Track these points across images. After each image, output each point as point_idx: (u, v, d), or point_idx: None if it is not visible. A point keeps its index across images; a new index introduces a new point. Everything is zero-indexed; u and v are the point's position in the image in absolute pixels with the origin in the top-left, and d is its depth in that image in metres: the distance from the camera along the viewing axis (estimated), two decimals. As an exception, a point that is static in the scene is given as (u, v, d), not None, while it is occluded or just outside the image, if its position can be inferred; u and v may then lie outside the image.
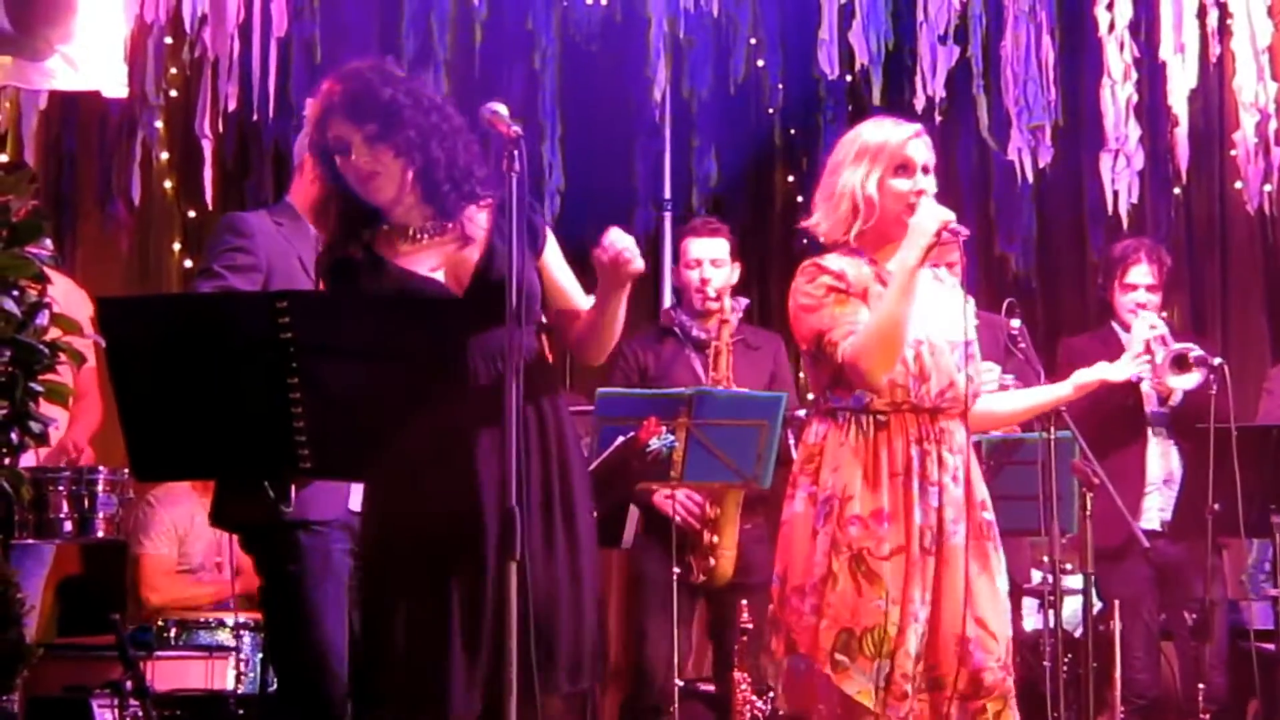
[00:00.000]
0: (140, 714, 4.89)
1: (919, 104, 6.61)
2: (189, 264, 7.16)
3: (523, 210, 3.27)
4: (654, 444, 4.62)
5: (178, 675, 5.43)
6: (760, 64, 7.49)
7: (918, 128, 3.92)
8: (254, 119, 6.60)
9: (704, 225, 5.71)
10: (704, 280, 5.52)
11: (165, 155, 7.00)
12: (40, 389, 3.40)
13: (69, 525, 4.75)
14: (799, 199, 8.14)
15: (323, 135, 3.44)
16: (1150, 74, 6.74)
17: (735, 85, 7.42)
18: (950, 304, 3.91)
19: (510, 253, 3.19)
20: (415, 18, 6.93)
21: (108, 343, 3.01)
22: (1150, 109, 6.89)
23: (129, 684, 4.86)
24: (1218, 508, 5.11)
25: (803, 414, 5.36)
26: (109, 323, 3.01)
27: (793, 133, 7.97)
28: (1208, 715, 5.44)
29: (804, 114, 7.79)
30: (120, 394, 3.02)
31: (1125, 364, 4.60)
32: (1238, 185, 6.94)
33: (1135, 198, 6.69)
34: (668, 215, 7.66)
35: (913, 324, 3.77)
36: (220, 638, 5.63)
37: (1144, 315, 5.57)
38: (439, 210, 3.47)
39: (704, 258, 5.56)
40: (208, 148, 6.39)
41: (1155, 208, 7.35)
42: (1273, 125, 6.50)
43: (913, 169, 3.83)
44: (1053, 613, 4.99)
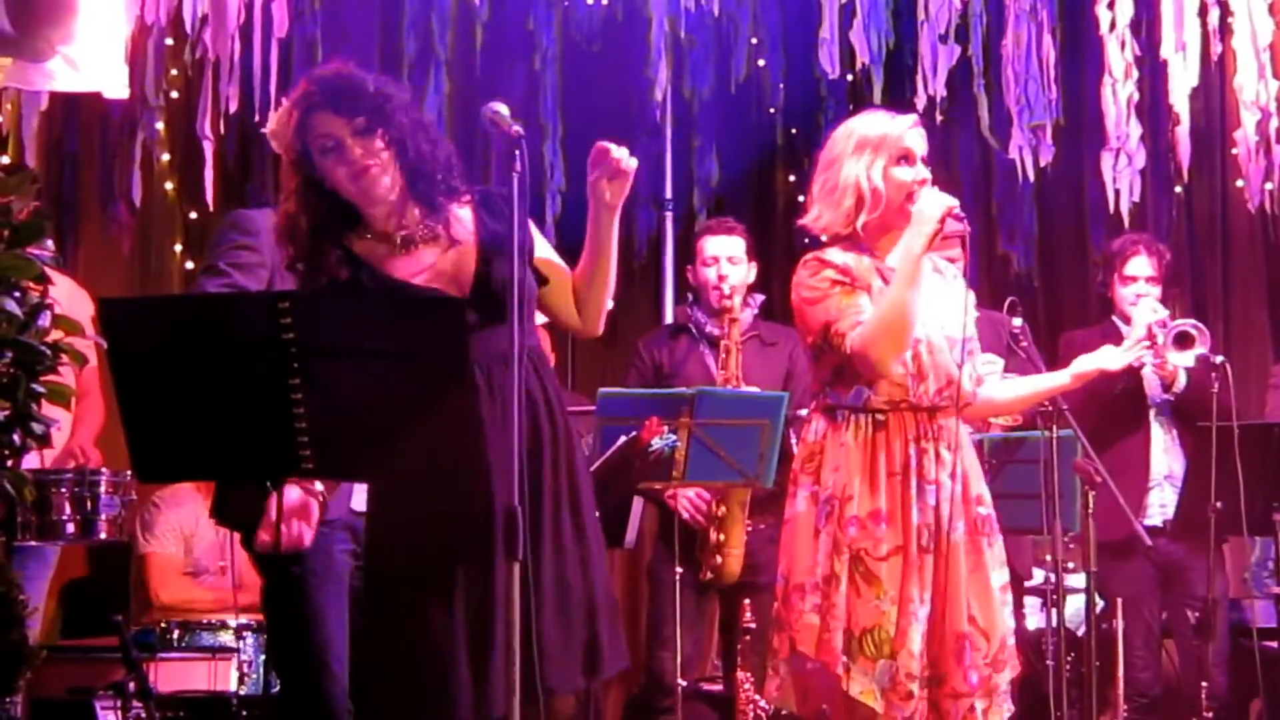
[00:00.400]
0: (143, 715, 4.88)
1: (920, 103, 6.60)
2: (190, 265, 7.15)
3: (524, 210, 3.26)
4: (656, 444, 4.62)
5: (181, 677, 5.42)
6: (761, 63, 7.48)
7: (914, 118, 3.95)
8: (255, 120, 6.58)
9: (720, 224, 5.76)
10: (721, 277, 5.56)
11: (166, 156, 6.99)
12: (42, 390, 3.40)
13: (71, 527, 4.74)
14: (800, 198, 8.09)
15: (304, 137, 3.35)
16: (1151, 72, 6.74)
17: (736, 85, 7.42)
18: (950, 298, 3.92)
19: (511, 251, 3.18)
20: (416, 18, 6.93)
21: (109, 343, 3.00)
22: (1151, 107, 6.89)
23: (132, 685, 4.86)
24: (1220, 506, 5.11)
25: (804, 413, 5.37)
26: (110, 323, 3.01)
27: (794, 132, 7.96)
28: (1210, 714, 5.43)
29: (805, 113, 7.79)
30: (121, 395, 3.01)
31: (1127, 349, 4.60)
32: (1239, 184, 6.93)
33: (1136, 196, 6.69)
34: (669, 215, 7.67)
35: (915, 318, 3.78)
36: (223, 639, 5.62)
37: (1145, 301, 5.58)
38: (428, 207, 3.41)
39: (721, 255, 5.60)
40: (209, 149, 6.39)
41: (1156, 206, 7.34)
42: (1274, 123, 6.49)
43: (913, 159, 3.85)
44: (1055, 611, 4.99)
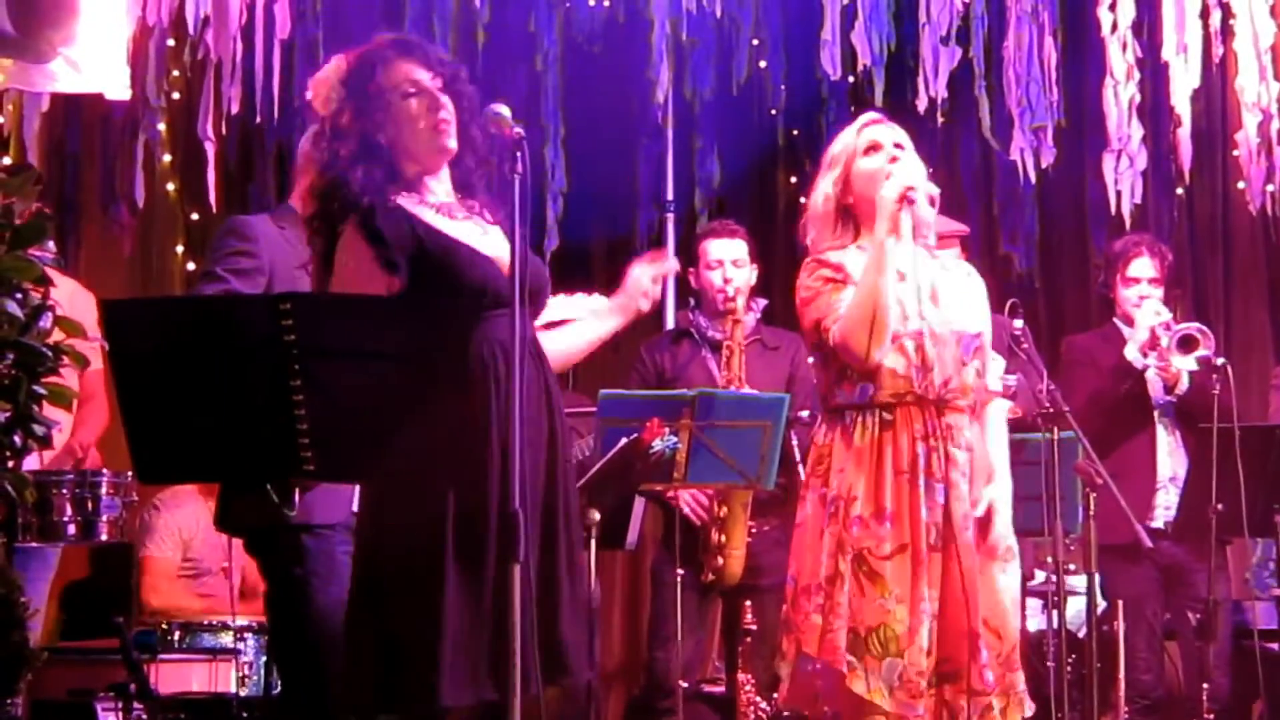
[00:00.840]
0: (144, 717, 4.89)
1: (921, 105, 6.61)
2: (192, 266, 7.15)
3: (526, 211, 3.27)
4: (657, 445, 4.62)
5: (181, 678, 5.42)
6: (763, 65, 7.48)
7: (872, 115, 4.00)
8: (257, 121, 6.60)
9: (723, 227, 5.76)
10: (726, 280, 5.57)
11: (168, 157, 7.00)
12: (44, 392, 3.39)
13: (72, 528, 4.74)
14: (801, 200, 8.11)
15: (379, 83, 3.41)
16: (1153, 74, 6.73)
17: (738, 86, 7.41)
18: (958, 293, 3.93)
19: (515, 254, 3.19)
20: (418, 19, 6.92)
21: (111, 344, 3.00)
22: (1153, 109, 6.88)
23: (133, 687, 4.86)
24: (1221, 507, 5.11)
25: (805, 415, 5.37)
26: (112, 324, 3.01)
27: (795, 134, 7.96)
28: (1212, 715, 5.42)
29: (806, 115, 7.78)
30: (123, 396, 3.02)
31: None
32: (1240, 185, 6.93)
33: (1138, 198, 6.69)
34: (670, 217, 7.66)
35: (910, 313, 3.79)
36: (224, 640, 5.62)
37: (1148, 303, 5.58)
38: (465, 188, 3.43)
39: (725, 258, 5.60)
40: (211, 150, 6.39)
41: (1158, 208, 7.34)
42: (1275, 125, 6.49)
43: (879, 146, 3.87)
44: (1057, 613, 4.99)
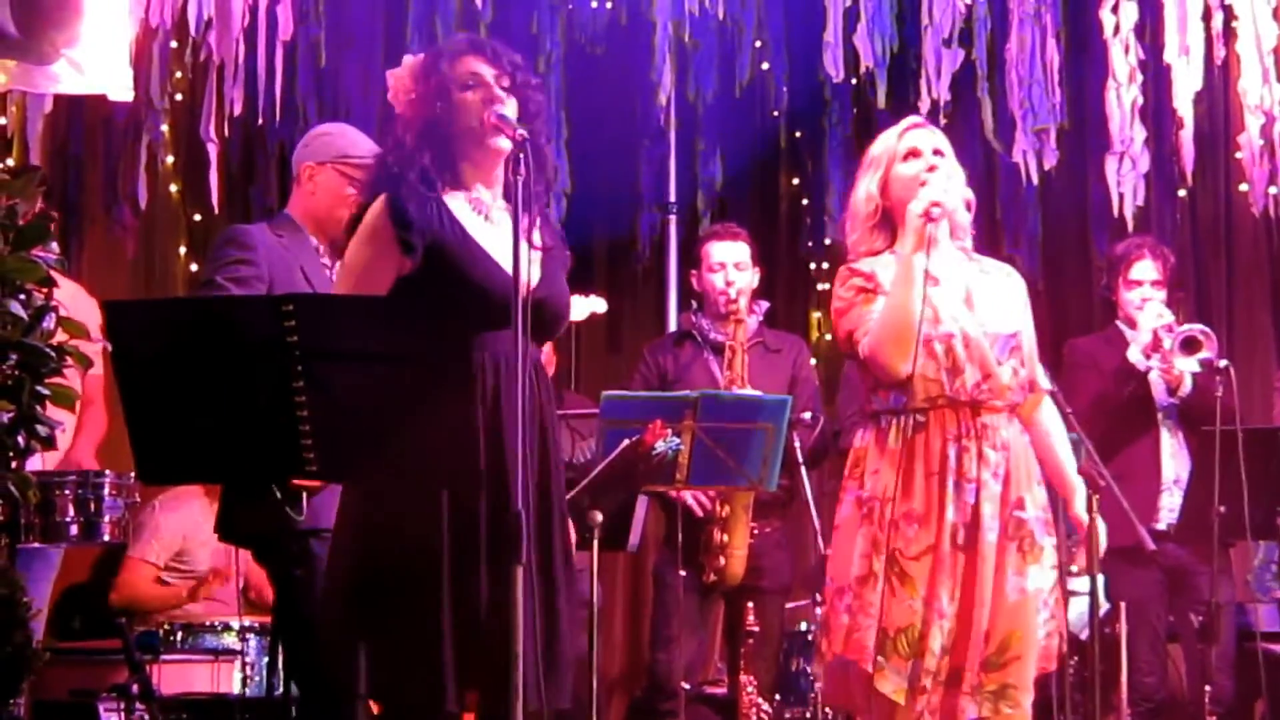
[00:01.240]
0: (146, 718, 4.89)
1: (924, 107, 6.59)
2: (195, 268, 7.16)
3: (528, 211, 3.26)
4: (659, 447, 4.62)
5: (184, 679, 5.42)
6: (765, 67, 7.48)
7: (914, 119, 4.00)
8: (259, 123, 6.60)
9: (725, 230, 5.77)
10: (728, 283, 5.59)
11: (171, 159, 7.00)
12: (47, 392, 3.40)
13: (75, 529, 4.73)
14: (804, 201, 8.15)
15: (445, 73, 3.41)
16: (1155, 76, 6.73)
17: (740, 88, 7.41)
18: (994, 294, 3.93)
19: (516, 255, 3.19)
20: (420, 21, 6.92)
21: (113, 346, 3.01)
22: (1155, 111, 6.87)
23: (135, 688, 4.86)
24: (1223, 510, 5.11)
25: (807, 416, 5.37)
26: (115, 326, 3.02)
27: (798, 135, 7.97)
28: (1214, 717, 5.43)
29: (809, 117, 7.79)
30: (126, 397, 3.02)
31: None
32: (1243, 187, 6.92)
33: (1140, 200, 6.68)
34: (672, 218, 7.67)
35: (945, 317, 3.79)
36: (226, 641, 5.63)
37: (1150, 306, 5.58)
38: (509, 196, 3.39)
39: (727, 261, 5.62)
40: (213, 152, 6.38)
41: (1160, 210, 7.33)
42: (1278, 127, 6.48)
43: (919, 153, 3.88)
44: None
